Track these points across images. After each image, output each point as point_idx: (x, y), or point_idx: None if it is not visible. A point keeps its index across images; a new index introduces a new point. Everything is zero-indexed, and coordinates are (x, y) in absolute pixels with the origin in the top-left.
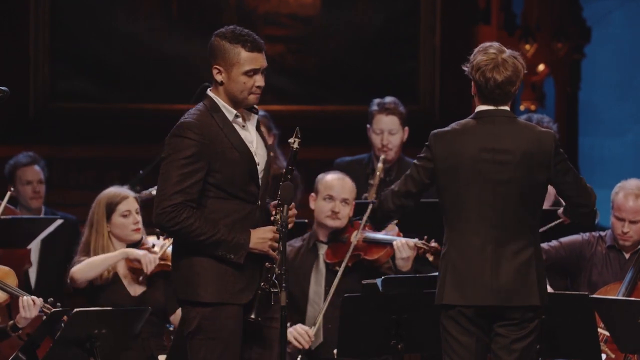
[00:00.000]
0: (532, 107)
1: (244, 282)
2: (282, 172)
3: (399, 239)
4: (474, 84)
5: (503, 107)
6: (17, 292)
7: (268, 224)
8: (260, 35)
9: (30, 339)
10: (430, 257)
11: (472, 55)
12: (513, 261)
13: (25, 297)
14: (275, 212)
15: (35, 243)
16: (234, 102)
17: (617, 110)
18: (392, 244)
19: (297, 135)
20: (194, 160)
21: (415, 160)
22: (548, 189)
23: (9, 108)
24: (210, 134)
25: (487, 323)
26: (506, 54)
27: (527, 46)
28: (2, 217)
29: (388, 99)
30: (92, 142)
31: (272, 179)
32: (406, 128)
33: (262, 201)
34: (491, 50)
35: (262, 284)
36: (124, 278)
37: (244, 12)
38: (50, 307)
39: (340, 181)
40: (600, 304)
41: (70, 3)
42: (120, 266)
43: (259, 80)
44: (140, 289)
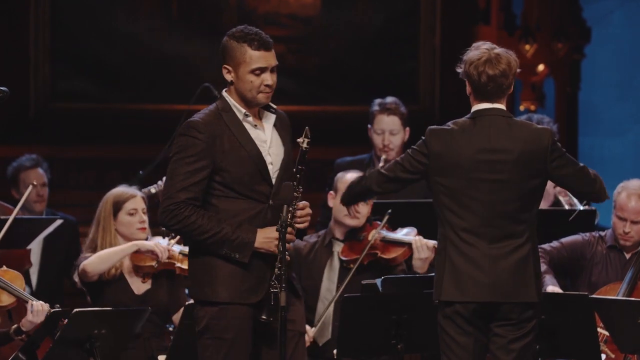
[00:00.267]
0: (532, 108)
1: (253, 281)
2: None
3: (418, 239)
4: (468, 82)
5: (498, 105)
6: (26, 296)
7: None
8: None
9: (30, 340)
10: None
11: (464, 55)
12: (510, 258)
13: (35, 302)
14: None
15: (36, 243)
16: (245, 102)
17: (617, 111)
18: (410, 244)
19: (307, 135)
20: (197, 159)
21: (409, 150)
22: (547, 188)
23: (9, 108)
24: (216, 133)
25: (485, 323)
26: (498, 49)
27: (527, 46)
28: (2, 217)
29: (389, 99)
30: (92, 142)
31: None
32: (407, 128)
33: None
34: (483, 47)
35: (272, 282)
36: (128, 276)
37: (244, 12)
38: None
39: None
40: (600, 304)
41: (70, 3)
42: (125, 264)
43: (267, 79)
44: (144, 287)
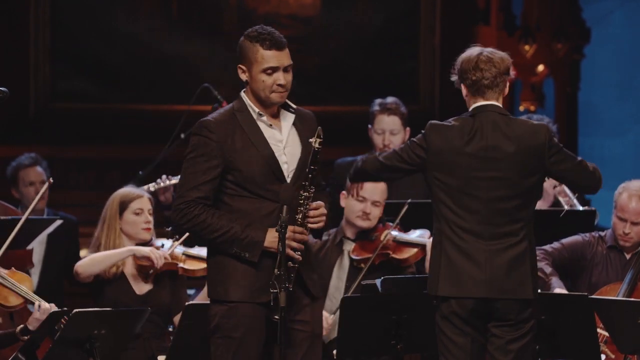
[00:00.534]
0: (532, 108)
1: (263, 281)
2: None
3: (431, 241)
4: (463, 84)
5: (495, 102)
6: (34, 297)
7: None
8: None
9: (30, 340)
10: None
11: (456, 61)
12: (507, 255)
13: (42, 302)
14: (297, 211)
15: (37, 243)
16: (259, 101)
17: (617, 111)
18: (424, 245)
19: (319, 135)
20: (208, 158)
21: (408, 141)
22: (546, 188)
23: (9, 108)
24: (228, 132)
25: (482, 323)
26: (489, 49)
27: (527, 47)
28: (2, 217)
29: (389, 99)
30: (92, 143)
31: None
32: (407, 128)
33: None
34: (474, 48)
35: (286, 284)
36: (130, 276)
37: (244, 12)
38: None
39: (373, 182)
40: (600, 304)
41: (70, 3)
42: (128, 263)
43: (279, 78)
44: (146, 287)
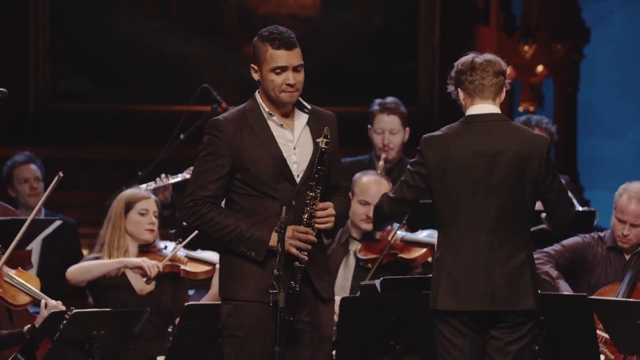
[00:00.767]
0: (531, 108)
1: (268, 280)
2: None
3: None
4: (460, 89)
5: (493, 107)
6: (41, 296)
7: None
8: None
9: (29, 340)
10: None
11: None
12: (507, 265)
13: (50, 301)
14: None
15: (36, 244)
16: (270, 101)
17: (617, 111)
18: (433, 245)
19: (326, 135)
20: (216, 157)
21: (409, 165)
22: None
23: (9, 108)
24: (237, 131)
25: (481, 326)
26: (484, 54)
27: (526, 47)
28: (1, 218)
29: (389, 99)
30: (92, 143)
31: None
32: (407, 128)
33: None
34: (468, 54)
35: (292, 284)
36: (132, 277)
37: (244, 12)
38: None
39: (376, 185)
40: (600, 305)
41: (70, 3)
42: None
43: (288, 78)
44: (148, 288)
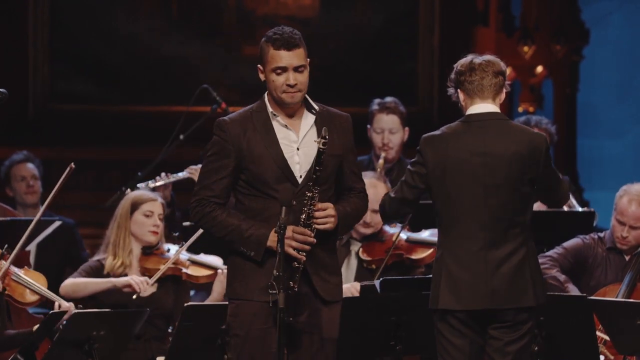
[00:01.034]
0: (531, 109)
1: (269, 280)
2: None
3: None
4: (460, 90)
5: (492, 107)
6: (51, 295)
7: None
8: (258, 37)
9: (29, 341)
10: None
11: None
12: (507, 263)
13: (60, 300)
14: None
15: (32, 245)
16: (275, 101)
17: (616, 112)
18: None
19: (324, 135)
20: (220, 157)
21: (409, 166)
22: None
23: (8, 108)
24: (241, 132)
25: (481, 326)
26: (484, 55)
27: (526, 48)
28: (1, 219)
29: (388, 99)
30: (92, 143)
31: None
32: (406, 128)
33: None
34: (468, 56)
35: (291, 284)
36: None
37: (243, 13)
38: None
39: (372, 189)
40: (599, 306)
41: (70, 3)
42: (133, 266)
43: (289, 79)
44: (150, 290)
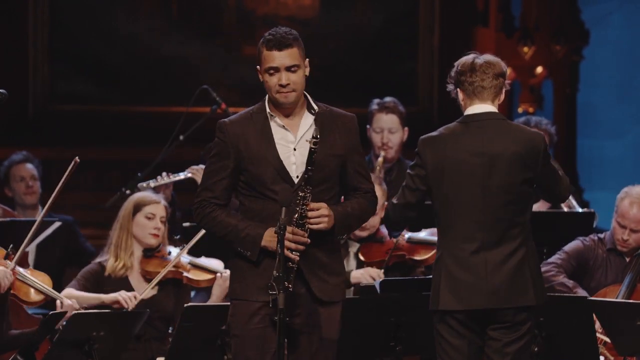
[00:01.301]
0: (531, 110)
1: (265, 280)
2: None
3: None
4: (459, 89)
5: (491, 107)
6: (55, 294)
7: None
8: (258, 37)
9: (33, 340)
10: None
11: (451, 71)
12: (507, 263)
13: (65, 299)
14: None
15: (31, 246)
16: (272, 102)
17: (616, 112)
18: None
19: (315, 135)
20: (219, 159)
21: (408, 169)
22: None
23: (8, 108)
24: (240, 133)
25: (480, 326)
26: (485, 54)
27: (526, 48)
28: (1, 219)
29: (387, 99)
30: (92, 144)
31: None
32: (406, 128)
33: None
34: (469, 55)
35: (286, 284)
36: (135, 280)
37: (243, 13)
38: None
39: None
40: (599, 306)
41: (69, 3)
42: (134, 267)
43: (281, 79)
44: (150, 293)
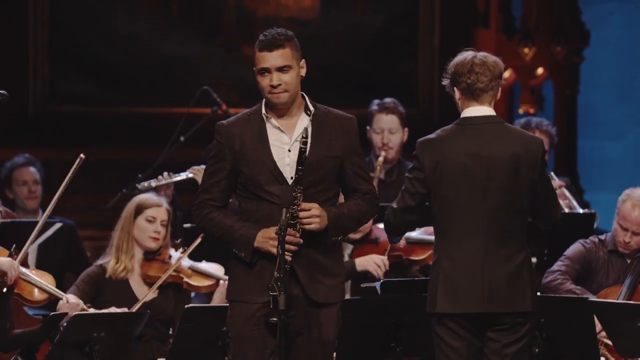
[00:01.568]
0: (531, 111)
1: (259, 281)
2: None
3: None
4: (455, 88)
5: (488, 110)
6: (58, 293)
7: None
8: (258, 37)
9: (36, 339)
10: None
11: (448, 65)
12: (504, 268)
13: (70, 296)
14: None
15: (33, 247)
16: (266, 103)
17: (617, 113)
18: None
19: (304, 136)
20: (216, 161)
21: (407, 173)
22: None
23: (8, 109)
24: (237, 134)
25: (479, 328)
26: (482, 53)
27: (526, 49)
28: (1, 221)
29: (387, 99)
30: (92, 144)
31: None
32: (406, 129)
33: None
34: (467, 52)
35: (271, 285)
36: (135, 283)
37: (244, 14)
38: (87, 308)
39: None
40: (600, 307)
41: (70, 3)
42: (135, 270)
43: (272, 79)
44: (151, 296)
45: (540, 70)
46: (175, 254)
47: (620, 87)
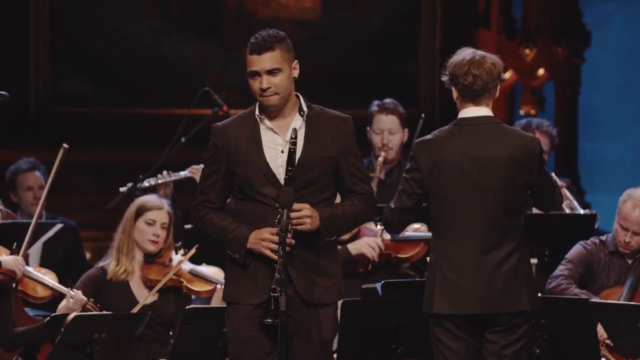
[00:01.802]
0: (532, 112)
1: (253, 283)
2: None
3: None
4: (454, 87)
5: (486, 110)
6: (62, 288)
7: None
8: None
9: (38, 337)
10: None
11: (448, 62)
12: (501, 268)
13: (74, 291)
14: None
15: (36, 248)
16: (260, 105)
17: (617, 114)
18: (424, 239)
19: (292, 136)
20: (212, 162)
21: (404, 173)
22: None
23: (9, 109)
24: (231, 136)
25: (476, 329)
26: (482, 52)
27: (527, 50)
28: (2, 222)
29: (387, 100)
30: (93, 145)
31: None
32: (406, 129)
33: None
34: (467, 50)
35: (272, 286)
36: (136, 285)
37: (244, 15)
38: (93, 305)
39: None
40: (601, 308)
41: (70, 3)
42: (135, 272)
43: (262, 82)
44: (151, 298)
45: (541, 71)
46: (176, 257)
47: (621, 88)
